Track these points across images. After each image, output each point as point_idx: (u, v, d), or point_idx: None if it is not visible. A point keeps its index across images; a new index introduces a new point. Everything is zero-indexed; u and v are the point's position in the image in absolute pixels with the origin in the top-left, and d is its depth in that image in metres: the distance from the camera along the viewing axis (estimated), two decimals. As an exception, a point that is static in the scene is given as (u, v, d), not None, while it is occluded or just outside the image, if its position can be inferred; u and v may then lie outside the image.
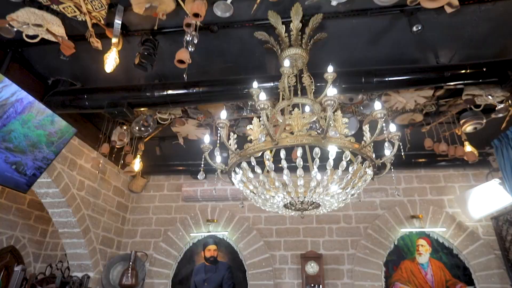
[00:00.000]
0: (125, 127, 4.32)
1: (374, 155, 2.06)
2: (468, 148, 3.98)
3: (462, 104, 3.74)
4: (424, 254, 4.62)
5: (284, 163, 1.87)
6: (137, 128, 4.17)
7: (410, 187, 5.08)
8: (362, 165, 2.06)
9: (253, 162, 1.95)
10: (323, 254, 4.70)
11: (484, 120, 3.78)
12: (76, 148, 4.37)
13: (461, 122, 3.87)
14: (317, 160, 1.84)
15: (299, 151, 1.83)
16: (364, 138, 1.97)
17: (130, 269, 4.72)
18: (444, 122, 4.03)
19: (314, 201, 2.03)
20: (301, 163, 1.84)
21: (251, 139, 1.98)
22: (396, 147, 1.95)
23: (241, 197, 5.18)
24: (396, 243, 4.75)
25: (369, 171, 2.08)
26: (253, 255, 4.87)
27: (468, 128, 3.91)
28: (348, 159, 1.86)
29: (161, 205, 5.51)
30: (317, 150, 1.81)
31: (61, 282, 3.74)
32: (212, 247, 5.06)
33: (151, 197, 5.59)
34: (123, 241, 5.30)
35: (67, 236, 4.37)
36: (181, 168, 5.50)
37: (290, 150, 3.35)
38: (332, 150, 1.83)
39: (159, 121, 3.99)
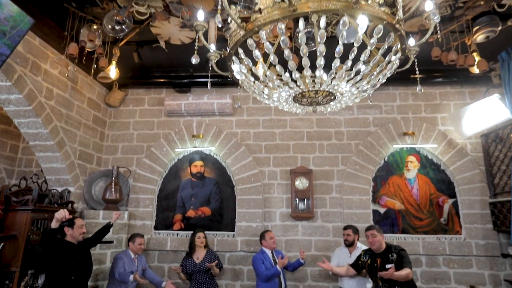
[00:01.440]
0: (95, 27, 3.68)
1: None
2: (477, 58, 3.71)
3: (481, 7, 3.36)
4: (412, 170, 4.65)
5: (302, 38, 1.49)
6: (109, 26, 3.55)
7: (405, 104, 4.90)
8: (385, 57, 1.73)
9: (266, 45, 1.56)
10: (313, 169, 4.64)
11: (499, 28, 3.47)
12: (38, 49, 3.75)
13: (474, 29, 3.54)
14: (344, 33, 1.47)
15: (322, 21, 1.45)
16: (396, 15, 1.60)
17: (113, 184, 4.52)
18: (456, 31, 3.67)
19: (330, 90, 1.71)
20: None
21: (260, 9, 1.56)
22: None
23: (228, 111, 4.86)
24: (386, 160, 4.73)
25: (396, 58, 1.75)
26: (242, 171, 4.75)
27: (480, 37, 3.60)
28: (380, 35, 1.51)
29: (142, 121, 5.13)
30: (346, 19, 1.43)
31: (38, 194, 3.48)
32: (199, 163, 4.89)
33: (131, 112, 5.17)
34: (103, 157, 5.01)
35: (40, 150, 4.00)
36: (163, 80, 5.01)
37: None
38: (362, 22, 1.46)
39: (136, 15, 3.38)
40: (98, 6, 3.45)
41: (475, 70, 3.83)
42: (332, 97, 1.80)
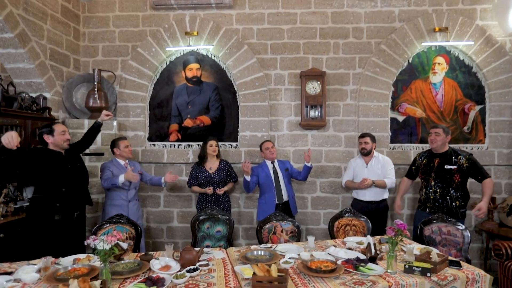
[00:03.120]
0: None
1: None
2: None
3: None
4: (439, 73, 4.08)
5: None
6: None
7: (440, -6, 4.08)
8: None
9: None
10: (326, 72, 4.03)
11: None
12: None
13: None
14: None
15: None
16: None
17: (95, 89, 3.90)
18: None
19: None
20: None
21: None
22: None
23: (227, 2, 4.02)
24: (410, 61, 4.10)
25: None
26: (244, 74, 4.12)
27: None
28: None
29: (123, 15, 4.26)
30: None
31: (3, 96, 2.88)
32: (194, 65, 4.21)
33: (109, 4, 4.26)
34: (81, 60, 4.28)
35: (-1, 45, 3.26)
36: (143, -41, 4.01)
37: None
38: None
39: None
40: None
41: None
42: None
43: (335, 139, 4.14)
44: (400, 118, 4.12)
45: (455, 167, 3.09)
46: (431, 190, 3.19)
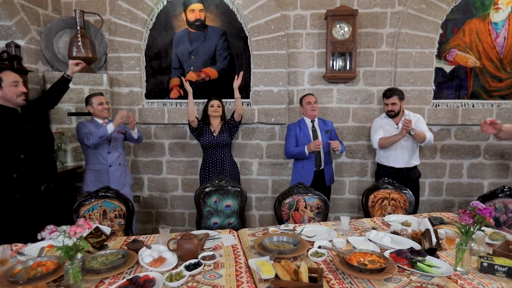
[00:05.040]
0: None
1: None
2: None
3: None
4: (503, 9, 3.25)
5: None
6: None
7: None
8: None
9: None
10: (358, 11, 3.25)
11: None
12: None
13: None
14: None
15: None
16: None
17: (79, 36, 3.25)
18: None
19: None
20: None
21: None
22: None
23: None
24: (465, -5, 3.28)
25: None
26: (257, 16, 3.38)
27: None
28: None
29: None
30: None
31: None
32: (197, 6, 3.48)
33: None
34: (62, 0, 3.58)
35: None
36: None
37: None
38: None
39: None
40: None
41: None
42: None
43: (366, 95, 3.46)
44: (448, 68, 3.38)
45: None
46: None
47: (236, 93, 2.99)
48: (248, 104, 3.54)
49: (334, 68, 3.31)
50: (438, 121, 3.39)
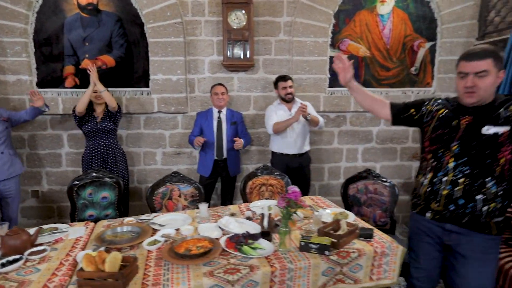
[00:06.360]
0: None
1: None
2: None
3: None
4: (388, 1, 3.43)
5: None
6: None
7: None
8: None
9: None
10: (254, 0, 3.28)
11: None
12: None
13: None
14: None
15: None
16: None
17: None
18: None
19: None
20: None
21: None
22: None
23: None
24: (355, -14, 3.41)
25: None
26: (153, 1, 3.27)
27: None
28: None
29: None
30: None
31: None
32: (87, -11, 3.30)
33: None
34: None
35: None
36: None
37: None
38: None
39: None
40: None
41: None
42: None
43: (266, 83, 3.52)
44: (341, 58, 3.53)
45: (502, 128, 1.42)
46: (444, 179, 1.53)
47: (100, 87, 2.92)
48: (148, 93, 3.46)
49: (232, 56, 3.32)
50: (333, 108, 3.56)
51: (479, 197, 1.47)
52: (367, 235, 1.73)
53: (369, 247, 1.64)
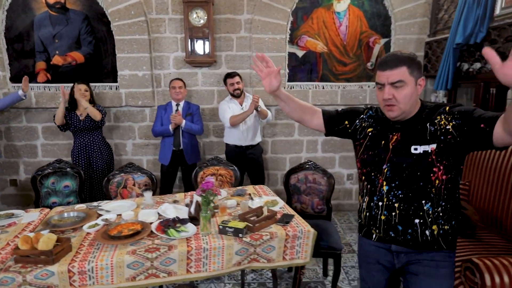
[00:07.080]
0: None
1: None
2: None
3: None
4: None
5: None
6: None
7: None
8: None
9: None
10: (214, -2, 3.44)
11: None
12: None
13: None
14: None
15: None
16: None
17: None
18: None
19: None
20: None
21: None
22: None
23: None
24: (312, -15, 3.56)
25: None
26: (117, 0, 3.44)
27: None
28: None
29: None
30: None
31: None
32: (55, -12, 3.45)
33: None
34: None
35: None
36: None
37: None
38: None
39: None
40: None
41: None
42: None
43: (228, 78, 3.71)
44: (300, 53, 3.71)
45: (431, 146, 1.27)
46: (380, 203, 1.38)
47: (84, 104, 3.13)
48: (116, 88, 3.65)
49: (194, 53, 3.50)
50: (292, 102, 3.75)
51: (417, 221, 1.31)
52: (283, 221, 1.96)
53: (282, 231, 1.87)
